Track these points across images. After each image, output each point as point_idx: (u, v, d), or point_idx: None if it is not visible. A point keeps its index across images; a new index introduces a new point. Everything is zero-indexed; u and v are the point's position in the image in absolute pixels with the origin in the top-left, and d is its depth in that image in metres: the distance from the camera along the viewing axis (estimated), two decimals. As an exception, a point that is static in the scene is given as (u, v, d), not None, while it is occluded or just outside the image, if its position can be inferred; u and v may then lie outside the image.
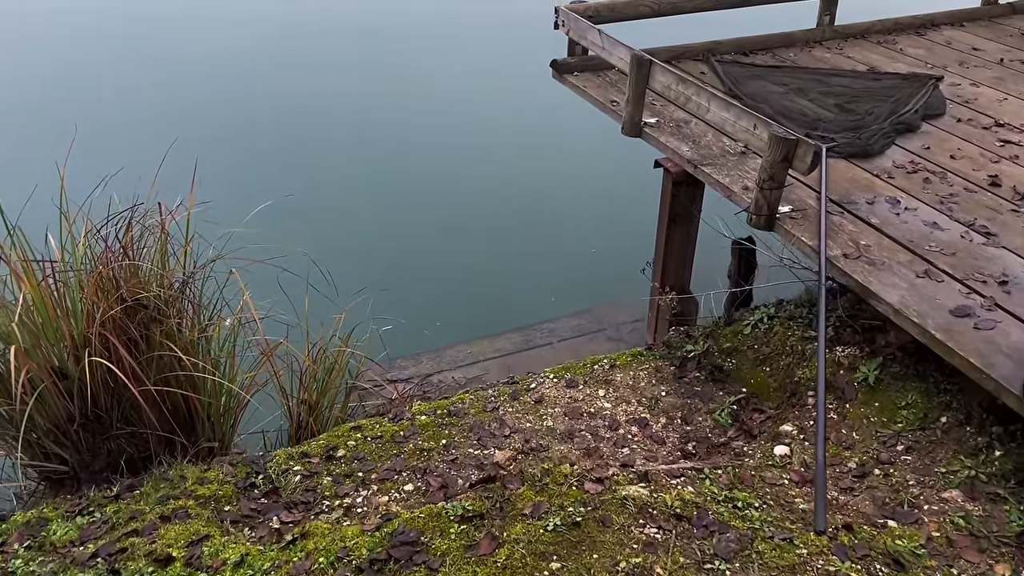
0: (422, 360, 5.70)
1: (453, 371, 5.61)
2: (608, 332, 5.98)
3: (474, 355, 5.76)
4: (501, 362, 5.70)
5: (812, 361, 3.88)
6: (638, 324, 6.03)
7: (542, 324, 6.07)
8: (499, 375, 5.59)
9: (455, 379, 5.54)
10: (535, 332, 5.98)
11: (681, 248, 5.20)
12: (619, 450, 3.87)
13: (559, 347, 5.87)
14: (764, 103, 5.27)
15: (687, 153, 4.69)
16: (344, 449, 3.87)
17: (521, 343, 5.88)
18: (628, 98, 4.88)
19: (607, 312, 6.19)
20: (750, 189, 4.29)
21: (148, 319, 4.17)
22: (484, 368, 5.64)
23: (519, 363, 5.71)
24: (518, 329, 6.01)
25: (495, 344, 5.86)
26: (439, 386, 5.48)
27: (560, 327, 6.04)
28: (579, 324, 6.07)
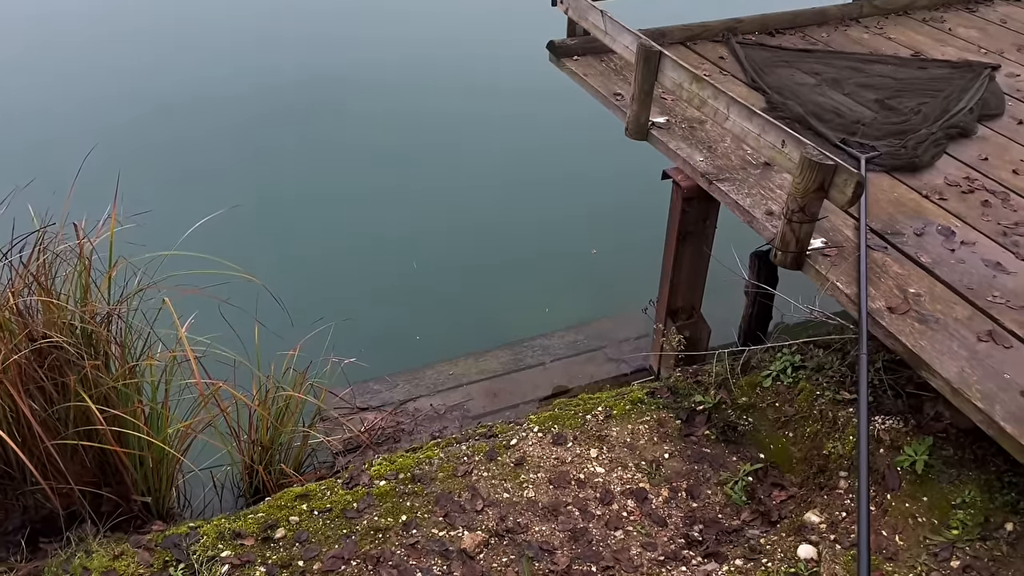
0: (397, 383, 5.07)
1: (432, 397, 4.98)
2: (608, 351, 5.33)
3: (456, 377, 5.13)
4: (487, 386, 5.07)
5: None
6: (642, 342, 5.38)
7: (534, 340, 5.41)
8: (484, 402, 4.98)
9: (433, 407, 4.92)
10: (526, 350, 5.33)
11: (692, 268, 4.52)
12: (611, 533, 3.25)
13: (552, 368, 5.22)
14: (792, 98, 4.52)
15: (701, 164, 3.98)
16: (285, 527, 3.27)
17: (510, 363, 5.23)
18: (633, 95, 4.16)
19: (607, 327, 5.52)
20: (775, 215, 3.59)
21: (63, 361, 3.55)
22: (467, 393, 5.01)
23: (506, 387, 5.08)
24: (507, 346, 5.36)
25: (480, 364, 5.22)
26: (415, 416, 4.86)
27: (554, 344, 5.39)
28: (575, 340, 5.41)
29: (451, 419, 4.85)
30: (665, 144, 4.17)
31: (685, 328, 4.65)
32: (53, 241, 3.64)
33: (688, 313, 4.68)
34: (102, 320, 3.70)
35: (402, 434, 4.75)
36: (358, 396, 4.97)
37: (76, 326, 3.63)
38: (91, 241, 3.63)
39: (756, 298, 4.93)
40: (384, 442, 4.69)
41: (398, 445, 4.66)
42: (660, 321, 4.76)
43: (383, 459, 3.67)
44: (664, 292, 4.62)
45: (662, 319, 4.72)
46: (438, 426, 4.80)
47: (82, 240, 3.66)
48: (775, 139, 3.38)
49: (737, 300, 5.14)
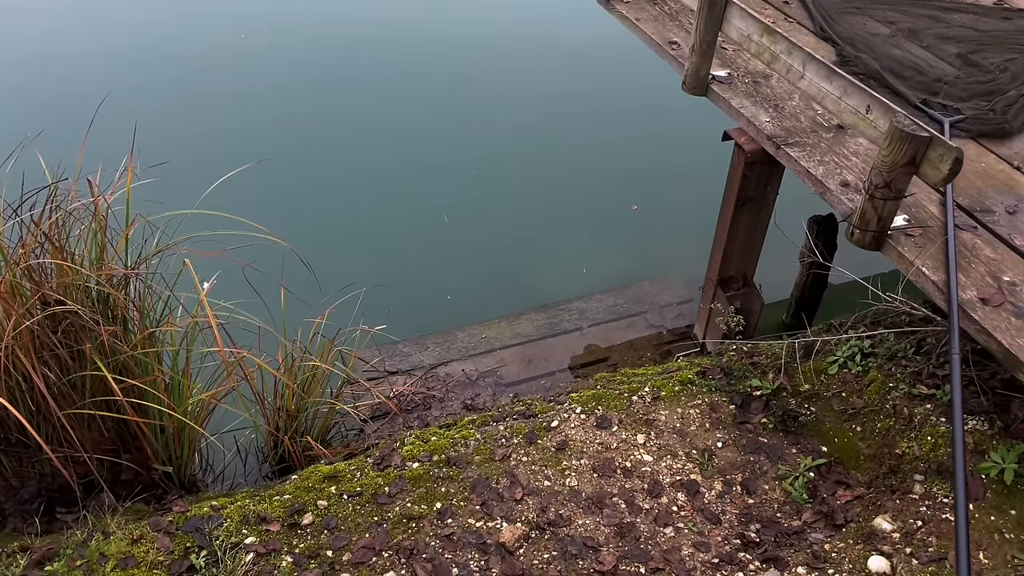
0: (428, 345, 4.84)
1: (464, 361, 4.75)
2: (649, 316, 5.05)
3: (489, 341, 4.88)
4: (521, 351, 4.83)
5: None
6: (686, 307, 5.09)
7: (571, 303, 5.14)
8: (518, 368, 4.75)
9: (465, 372, 4.69)
10: (562, 313, 5.07)
11: (747, 235, 4.20)
12: (661, 529, 3.02)
13: (590, 333, 4.96)
14: (866, 51, 4.13)
15: (767, 125, 3.63)
16: (313, 512, 3.07)
17: (545, 327, 4.97)
18: (693, 46, 3.79)
19: (649, 290, 5.23)
20: (851, 187, 3.26)
21: (78, 327, 3.33)
22: (500, 359, 4.77)
23: (541, 353, 4.84)
24: (542, 308, 5.10)
25: (515, 327, 4.96)
26: (446, 381, 4.64)
27: (592, 307, 5.11)
28: (615, 304, 5.13)
29: (483, 386, 4.63)
30: (727, 101, 3.81)
31: (736, 298, 4.35)
32: (66, 198, 3.39)
33: (740, 282, 4.38)
34: (119, 283, 3.46)
35: (433, 400, 4.54)
36: (388, 359, 4.75)
37: (92, 289, 3.40)
38: (106, 198, 3.37)
39: (812, 266, 4.62)
40: (414, 409, 4.48)
41: (429, 412, 4.46)
42: (710, 290, 4.47)
43: (415, 438, 3.45)
44: (716, 259, 4.32)
45: (712, 288, 4.43)
46: (470, 393, 4.58)
47: (97, 197, 3.40)
48: (859, 103, 3.02)
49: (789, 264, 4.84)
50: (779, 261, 4.82)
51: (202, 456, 4.19)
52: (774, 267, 4.81)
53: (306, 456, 3.86)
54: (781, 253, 4.76)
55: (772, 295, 4.93)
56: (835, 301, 4.90)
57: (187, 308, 3.61)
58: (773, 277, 4.87)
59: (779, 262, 4.83)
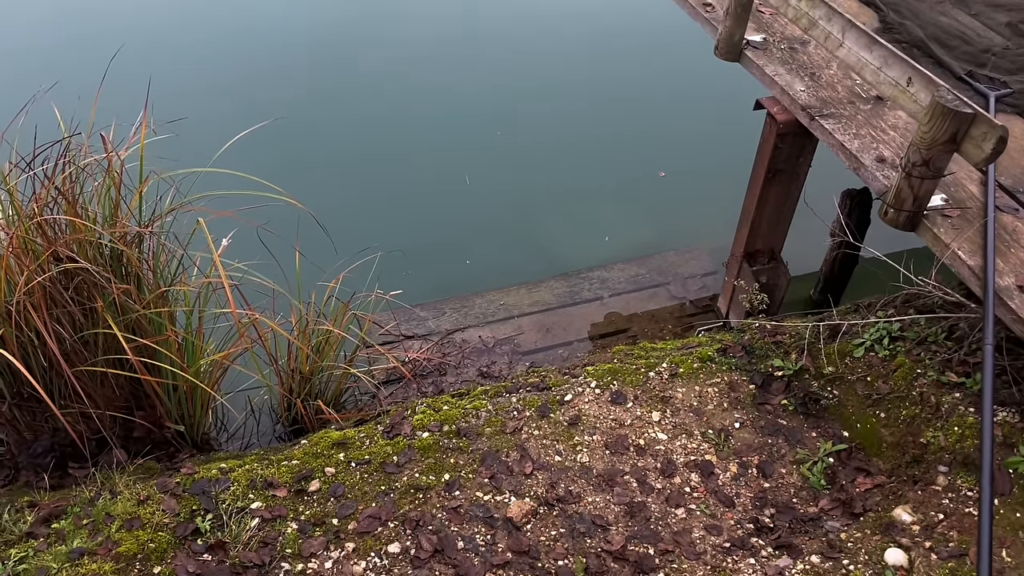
0: (445, 311, 4.78)
1: (481, 328, 4.68)
2: (672, 287, 4.94)
3: (507, 307, 4.81)
4: (539, 319, 4.75)
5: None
6: (710, 280, 4.97)
7: (592, 271, 5.03)
8: (535, 336, 4.68)
9: (482, 339, 4.63)
10: (583, 282, 4.97)
11: (777, 208, 4.06)
12: (672, 510, 2.96)
13: (610, 303, 4.86)
14: (911, 18, 3.93)
15: (801, 95, 3.47)
16: (320, 479, 3.04)
17: (565, 295, 4.89)
18: (728, 8, 3.62)
19: (672, 261, 5.11)
20: (887, 163, 3.11)
21: (90, 284, 3.30)
22: (518, 326, 4.70)
23: (560, 322, 4.76)
24: (563, 276, 5.00)
25: (534, 295, 4.88)
26: (462, 348, 4.58)
27: (613, 277, 5.01)
28: (637, 275, 5.03)
29: (500, 354, 4.56)
30: (761, 68, 3.65)
31: (763, 273, 4.23)
32: (78, 153, 3.34)
33: (768, 256, 4.25)
34: (132, 240, 3.42)
35: (448, 367, 4.49)
36: (404, 323, 4.70)
37: (105, 246, 3.36)
38: (119, 155, 3.31)
39: (842, 243, 4.47)
40: (429, 375, 4.44)
41: (443, 379, 4.41)
42: (735, 264, 4.35)
43: (427, 407, 3.40)
44: (743, 232, 4.18)
45: (737, 262, 4.30)
46: (486, 360, 4.53)
47: (111, 153, 3.35)
48: (899, 75, 2.86)
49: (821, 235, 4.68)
50: (810, 232, 4.66)
51: (216, 415, 4.18)
52: (806, 238, 4.66)
53: (318, 419, 3.84)
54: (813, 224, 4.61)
55: (802, 267, 4.79)
56: (865, 278, 4.74)
57: (200, 268, 3.57)
58: (803, 248, 4.72)
59: (810, 233, 4.68)
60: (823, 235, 4.66)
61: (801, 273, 4.83)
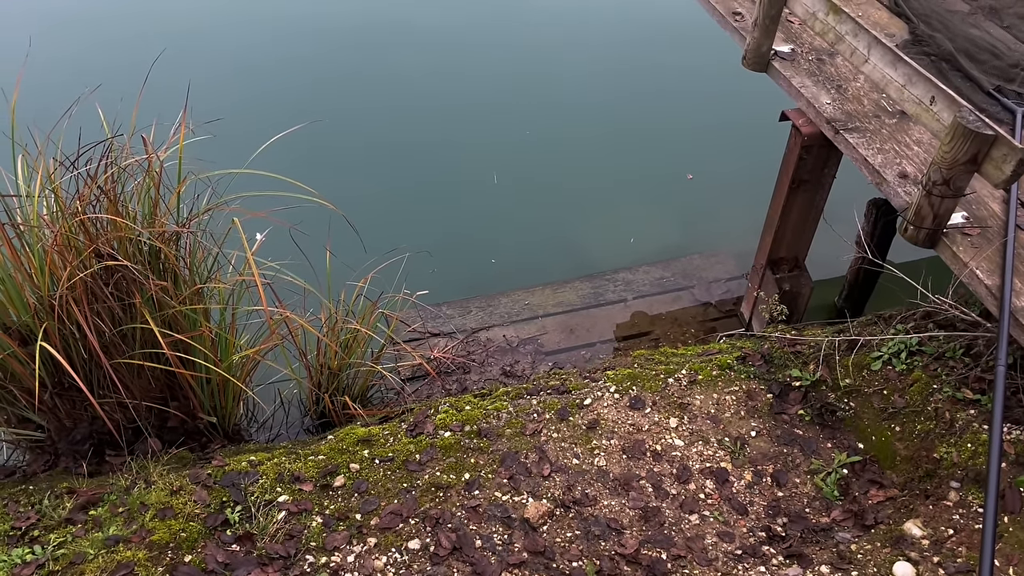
0: (471, 309, 4.87)
1: (505, 327, 4.77)
2: (696, 291, 4.99)
3: (532, 308, 4.89)
4: (563, 320, 4.82)
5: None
6: (735, 284, 5.01)
7: (616, 273, 5.09)
8: (559, 337, 4.75)
9: (506, 338, 4.72)
10: (607, 283, 5.03)
11: (801, 217, 4.09)
12: (686, 516, 3.03)
13: (634, 305, 4.92)
14: (941, 30, 3.92)
15: (827, 108, 3.50)
16: (345, 475, 3.15)
17: (589, 296, 4.95)
18: (756, 19, 3.65)
19: (698, 265, 5.16)
20: (910, 179, 3.13)
21: (129, 280, 3.43)
22: (542, 327, 4.78)
23: (584, 323, 4.83)
24: (587, 278, 5.07)
25: (558, 295, 4.95)
26: (487, 346, 4.67)
27: (638, 279, 5.07)
28: (662, 277, 5.08)
29: (523, 353, 4.65)
30: (788, 80, 3.68)
31: (786, 280, 4.26)
32: (120, 153, 3.47)
33: (791, 264, 4.28)
34: (170, 239, 3.55)
35: (472, 364, 4.59)
36: (430, 320, 4.80)
37: (144, 244, 3.49)
38: (158, 155, 3.44)
39: (868, 250, 4.49)
40: (453, 372, 4.54)
41: (467, 376, 4.51)
42: (759, 271, 4.38)
43: (449, 407, 3.49)
44: (767, 240, 4.22)
45: (761, 268, 4.34)
46: (509, 359, 4.61)
47: (152, 154, 3.47)
48: (923, 93, 2.89)
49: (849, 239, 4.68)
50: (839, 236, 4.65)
51: (247, 406, 4.32)
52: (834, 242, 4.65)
53: (345, 414, 3.96)
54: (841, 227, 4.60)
55: (827, 272, 4.78)
56: (891, 287, 4.74)
57: (235, 266, 3.69)
58: (833, 250, 4.68)
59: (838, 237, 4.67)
60: (852, 238, 4.66)
61: (829, 277, 4.83)
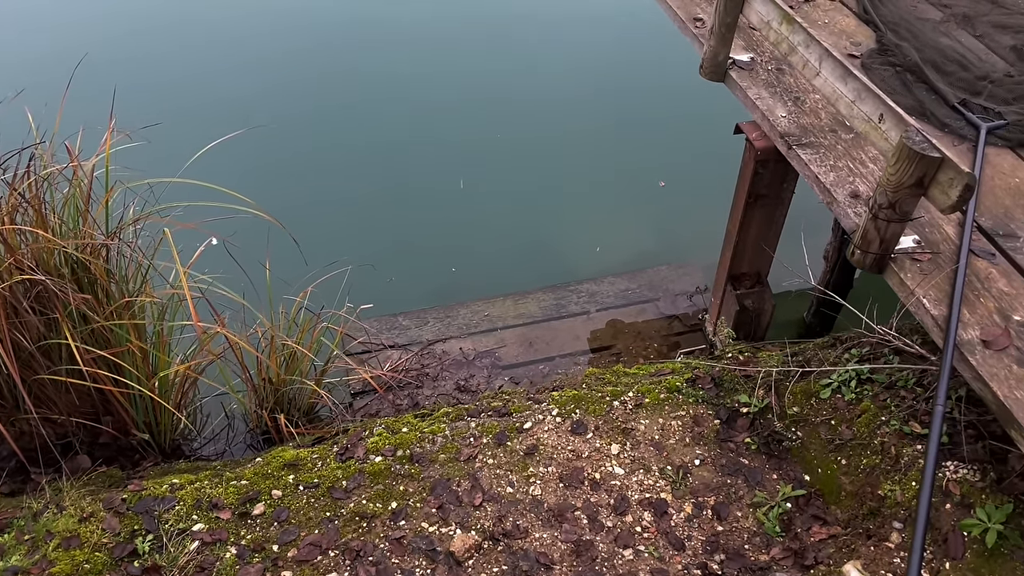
0: (428, 320, 4.73)
1: (463, 339, 4.63)
2: (661, 303, 4.83)
3: (491, 319, 4.74)
4: (523, 333, 4.68)
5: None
6: (700, 299, 4.85)
7: (580, 284, 4.94)
8: (517, 351, 4.61)
9: (463, 351, 4.58)
10: (570, 294, 4.88)
11: (761, 232, 3.93)
12: (620, 551, 2.89)
13: (597, 317, 4.77)
14: (909, 39, 3.76)
15: (782, 121, 3.34)
16: (266, 502, 3.02)
17: (551, 308, 4.80)
18: (712, 27, 3.49)
19: (665, 276, 5.00)
20: (862, 198, 2.98)
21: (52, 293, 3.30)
22: (500, 339, 4.64)
23: (544, 336, 4.68)
24: (550, 288, 4.91)
25: (519, 306, 4.80)
26: (442, 359, 4.53)
27: (603, 290, 4.91)
28: (627, 289, 4.92)
29: (480, 367, 4.51)
30: (744, 91, 3.52)
31: (747, 297, 4.11)
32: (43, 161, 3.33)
33: (753, 280, 4.13)
34: (97, 251, 3.41)
35: (426, 379, 4.45)
36: (385, 331, 4.67)
37: (70, 255, 3.36)
38: (82, 165, 3.30)
39: (836, 265, 4.34)
40: (405, 387, 4.40)
41: (420, 391, 4.37)
42: (719, 287, 4.23)
43: (384, 429, 3.36)
44: (727, 255, 4.06)
45: (721, 284, 4.19)
46: (465, 373, 4.47)
47: (76, 162, 3.34)
48: (871, 110, 2.73)
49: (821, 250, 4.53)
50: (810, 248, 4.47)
51: (191, 418, 4.20)
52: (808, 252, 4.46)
53: (289, 432, 3.83)
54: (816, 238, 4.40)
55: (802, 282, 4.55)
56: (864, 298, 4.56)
57: (168, 279, 3.56)
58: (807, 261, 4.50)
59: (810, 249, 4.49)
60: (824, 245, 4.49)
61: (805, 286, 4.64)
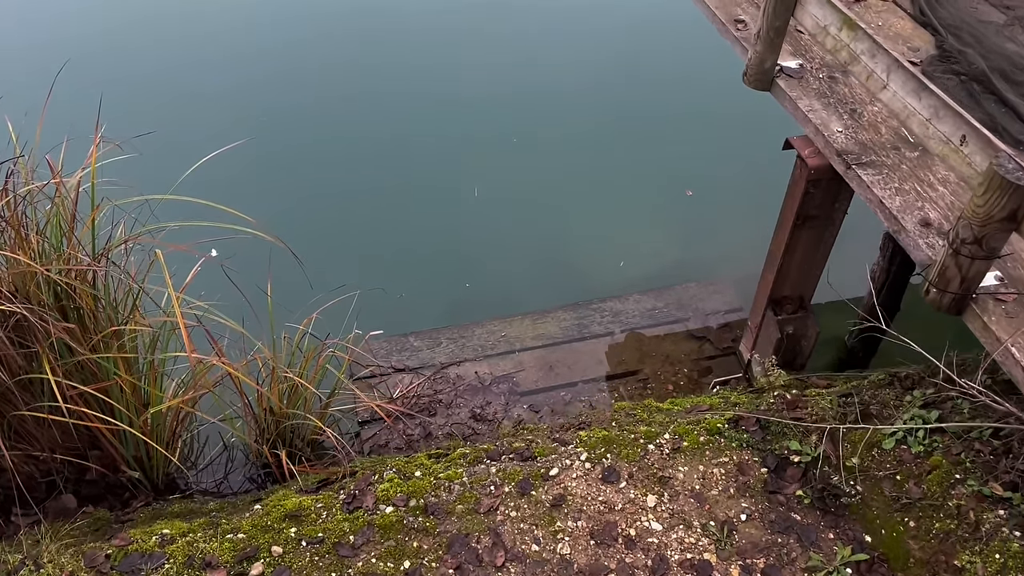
0: (441, 341, 4.42)
1: (478, 362, 4.32)
2: (691, 323, 4.51)
3: (508, 340, 4.43)
4: (542, 356, 4.36)
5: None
6: (734, 317, 4.53)
7: (604, 302, 4.62)
8: (537, 375, 4.30)
9: (478, 375, 4.27)
10: (593, 314, 4.56)
11: (808, 255, 3.60)
12: (659, 622, 2.58)
13: (622, 339, 4.45)
14: (973, 45, 3.42)
15: (839, 138, 3.01)
16: (265, 560, 2.72)
17: (572, 328, 4.49)
18: (759, 31, 3.16)
19: (694, 294, 4.67)
20: (933, 226, 2.65)
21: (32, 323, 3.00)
22: (518, 362, 4.33)
23: (565, 359, 4.37)
24: (572, 307, 4.60)
25: (538, 326, 4.49)
26: (456, 384, 4.23)
27: (627, 309, 4.59)
28: (654, 308, 4.60)
29: (496, 393, 4.20)
30: (794, 102, 3.19)
31: (789, 323, 3.79)
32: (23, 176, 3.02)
33: (796, 305, 3.81)
34: (82, 275, 3.11)
35: (438, 406, 4.15)
36: (395, 353, 4.36)
37: (53, 281, 3.05)
38: (64, 183, 3.00)
39: (884, 287, 4.02)
40: (417, 414, 4.10)
41: (432, 420, 4.07)
42: (758, 310, 3.91)
43: (395, 473, 3.05)
44: (768, 278, 3.74)
45: (761, 308, 3.87)
46: (480, 400, 4.17)
47: (59, 178, 3.03)
48: (951, 130, 2.40)
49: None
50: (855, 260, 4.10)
51: (188, 448, 3.92)
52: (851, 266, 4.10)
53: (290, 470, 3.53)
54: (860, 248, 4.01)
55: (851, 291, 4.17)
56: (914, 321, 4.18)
57: (160, 304, 3.25)
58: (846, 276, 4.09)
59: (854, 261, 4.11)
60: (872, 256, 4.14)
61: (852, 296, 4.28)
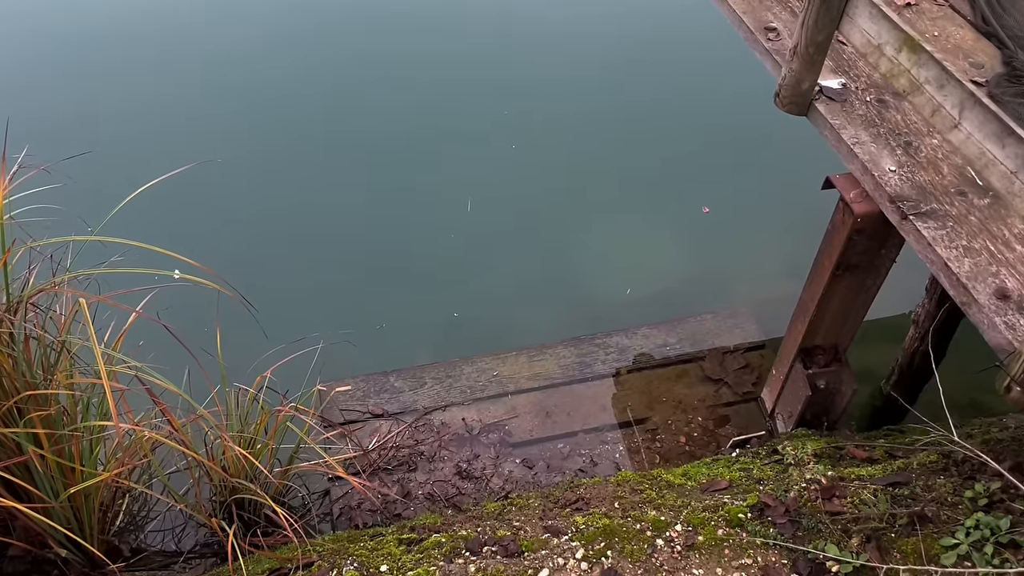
0: (425, 380, 3.94)
1: (466, 407, 3.84)
2: (707, 364, 3.99)
3: (501, 381, 3.95)
4: (539, 399, 3.88)
5: None
6: (755, 356, 4.02)
7: (609, 336, 4.12)
8: (532, 423, 3.83)
9: (466, 422, 3.80)
10: (596, 350, 4.07)
11: (845, 304, 3.09)
12: None
13: (628, 381, 3.94)
14: (1048, 59, 2.88)
15: (891, 179, 2.49)
16: None
17: (573, 367, 4.00)
18: (796, 47, 2.63)
19: (710, 328, 4.16)
20: (1012, 300, 2.14)
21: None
22: (511, 407, 3.84)
23: (564, 404, 3.89)
24: (573, 341, 4.10)
25: (535, 364, 4.00)
26: (440, 433, 3.76)
27: (635, 345, 4.10)
28: (664, 344, 4.10)
29: (486, 444, 3.73)
30: (836, 131, 2.67)
31: (821, 376, 3.30)
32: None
33: (829, 356, 3.31)
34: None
35: (420, 459, 3.68)
36: (373, 395, 3.89)
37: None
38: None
39: (924, 341, 3.52)
40: (395, 469, 3.64)
41: (412, 476, 3.61)
42: (785, 360, 3.42)
43: (355, 571, 2.58)
44: (798, 327, 3.24)
45: (788, 359, 3.37)
46: (468, 452, 3.70)
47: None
48: (1047, 188, 1.89)
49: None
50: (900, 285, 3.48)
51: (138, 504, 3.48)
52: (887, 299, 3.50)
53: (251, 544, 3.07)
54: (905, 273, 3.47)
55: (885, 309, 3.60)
56: (956, 368, 3.67)
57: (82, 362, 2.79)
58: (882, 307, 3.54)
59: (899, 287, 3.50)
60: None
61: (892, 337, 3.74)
